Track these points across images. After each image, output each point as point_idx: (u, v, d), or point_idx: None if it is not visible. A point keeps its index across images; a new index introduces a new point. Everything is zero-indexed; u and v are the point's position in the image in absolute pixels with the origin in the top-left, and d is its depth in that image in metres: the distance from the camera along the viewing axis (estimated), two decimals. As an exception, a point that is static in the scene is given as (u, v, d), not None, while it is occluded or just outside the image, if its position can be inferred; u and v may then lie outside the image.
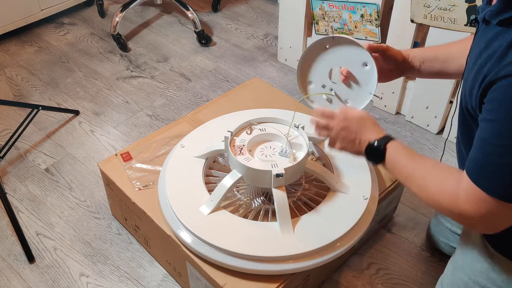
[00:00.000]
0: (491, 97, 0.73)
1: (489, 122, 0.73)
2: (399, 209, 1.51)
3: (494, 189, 0.74)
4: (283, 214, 1.11)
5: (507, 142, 0.70)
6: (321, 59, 1.10)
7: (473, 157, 0.77)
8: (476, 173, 0.76)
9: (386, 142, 0.93)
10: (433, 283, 1.30)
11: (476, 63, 0.79)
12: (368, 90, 1.08)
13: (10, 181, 1.60)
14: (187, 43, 2.27)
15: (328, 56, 1.09)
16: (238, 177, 1.14)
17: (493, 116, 0.72)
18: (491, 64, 0.74)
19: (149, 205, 1.23)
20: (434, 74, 1.08)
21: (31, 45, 2.24)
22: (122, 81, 2.04)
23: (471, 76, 0.81)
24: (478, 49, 0.80)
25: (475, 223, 0.80)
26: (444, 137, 1.77)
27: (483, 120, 0.75)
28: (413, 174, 0.88)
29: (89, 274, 1.34)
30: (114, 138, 1.77)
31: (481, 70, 0.76)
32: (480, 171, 0.76)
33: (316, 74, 1.13)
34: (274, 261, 1.08)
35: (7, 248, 1.41)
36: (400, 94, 1.82)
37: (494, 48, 0.75)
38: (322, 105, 1.16)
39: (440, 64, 1.06)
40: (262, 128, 1.23)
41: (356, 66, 1.06)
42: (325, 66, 1.11)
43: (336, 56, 1.08)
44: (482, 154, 0.75)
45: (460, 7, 1.43)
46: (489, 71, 0.74)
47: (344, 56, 1.07)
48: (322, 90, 1.14)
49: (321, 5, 1.75)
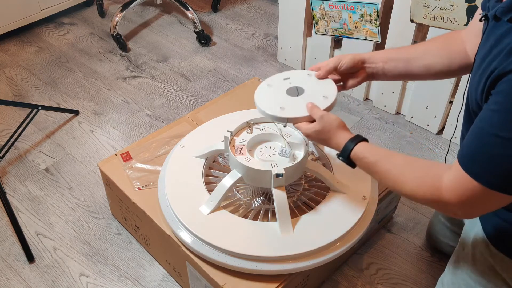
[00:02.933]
0: (498, 89, 0.73)
1: (491, 112, 0.73)
2: (399, 209, 1.51)
3: (486, 178, 0.74)
4: (283, 214, 1.11)
5: (506, 134, 0.71)
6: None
7: (468, 144, 0.77)
8: (468, 161, 0.76)
9: (349, 153, 0.94)
10: (433, 283, 1.31)
11: (485, 60, 0.79)
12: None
13: (10, 181, 1.60)
14: (187, 43, 2.27)
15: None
16: (238, 177, 1.14)
17: (497, 107, 0.72)
18: (500, 59, 0.74)
19: (149, 205, 1.23)
20: (398, 74, 1.08)
21: (31, 45, 2.24)
22: (122, 81, 2.04)
23: (479, 72, 0.80)
24: (487, 45, 0.80)
25: (456, 210, 0.80)
26: (444, 137, 1.77)
27: (486, 110, 0.75)
28: (388, 173, 0.89)
29: (89, 274, 1.34)
30: (114, 138, 1.77)
31: (490, 66, 0.76)
32: (474, 159, 0.75)
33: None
34: (274, 261, 1.08)
35: (7, 248, 1.41)
36: (400, 94, 1.82)
37: (504, 44, 0.74)
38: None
39: (404, 63, 1.05)
40: (262, 128, 1.23)
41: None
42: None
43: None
44: (478, 143, 0.75)
45: (460, 7, 1.43)
46: (497, 65, 0.74)
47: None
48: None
49: (321, 5, 1.75)
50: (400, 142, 1.77)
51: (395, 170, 0.88)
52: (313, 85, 1.07)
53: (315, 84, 1.07)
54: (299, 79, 1.09)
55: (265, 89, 1.09)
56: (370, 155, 0.92)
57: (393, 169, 0.88)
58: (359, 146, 0.94)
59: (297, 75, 1.11)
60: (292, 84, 1.08)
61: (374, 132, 1.80)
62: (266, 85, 1.10)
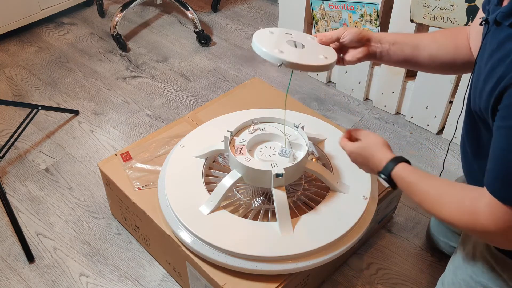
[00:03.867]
0: (506, 103, 0.71)
1: (505, 130, 0.71)
2: (399, 209, 1.51)
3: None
4: (283, 214, 1.11)
5: None
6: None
7: (492, 168, 0.75)
8: (496, 186, 0.74)
9: (390, 171, 0.92)
10: (433, 283, 1.31)
11: (487, 64, 0.78)
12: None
13: (10, 181, 1.60)
14: (187, 43, 2.27)
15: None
16: (238, 177, 1.14)
17: (509, 122, 0.70)
18: (504, 68, 0.72)
19: (149, 205, 1.23)
20: (404, 59, 1.05)
21: (31, 45, 2.24)
22: (122, 81, 2.04)
23: (482, 77, 0.79)
24: (489, 49, 0.79)
25: (497, 238, 0.78)
26: (444, 137, 1.77)
27: (499, 128, 0.73)
28: (427, 195, 0.86)
29: (89, 274, 1.34)
30: (114, 138, 1.77)
31: (494, 72, 0.75)
32: (501, 183, 0.73)
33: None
34: (274, 261, 1.08)
35: (6, 248, 1.41)
36: (400, 94, 1.82)
37: (506, 50, 0.74)
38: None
39: (411, 49, 1.03)
40: (262, 128, 1.23)
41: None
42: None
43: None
44: (502, 165, 0.72)
45: (460, 7, 1.43)
46: (503, 75, 0.72)
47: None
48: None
49: (320, 5, 1.75)
50: (400, 142, 1.77)
51: (433, 192, 0.85)
52: (314, 45, 1.03)
53: (315, 45, 1.03)
54: (300, 37, 1.05)
55: (266, 34, 1.04)
56: (410, 174, 0.89)
57: (431, 191, 0.86)
58: (400, 166, 0.91)
59: (300, 34, 1.07)
60: (294, 39, 1.04)
61: (374, 132, 1.80)
62: (268, 31, 1.04)
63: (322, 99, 1.95)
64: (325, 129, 1.38)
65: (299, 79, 2.05)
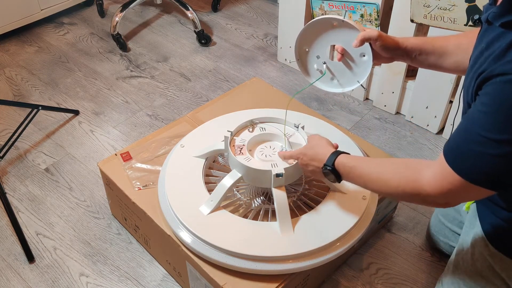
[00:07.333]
0: (484, 91, 0.75)
1: (478, 112, 0.75)
2: (399, 209, 1.51)
3: (467, 173, 0.76)
4: (283, 214, 1.11)
5: (492, 136, 0.72)
6: (325, 34, 1.09)
7: (454, 140, 0.80)
8: (453, 156, 0.78)
9: (334, 160, 0.99)
10: (433, 283, 1.31)
11: (476, 62, 0.80)
12: (357, 78, 1.10)
13: (10, 181, 1.60)
14: (187, 43, 2.27)
15: (332, 34, 1.08)
16: (238, 177, 1.14)
17: (484, 108, 0.74)
18: (488, 62, 0.75)
19: (149, 205, 1.23)
20: (427, 65, 1.08)
21: (31, 45, 2.24)
22: (122, 81, 2.04)
23: (470, 75, 0.81)
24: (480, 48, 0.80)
25: (437, 200, 0.83)
26: (444, 137, 1.77)
27: (473, 110, 0.77)
28: (370, 175, 0.93)
29: (89, 274, 1.34)
30: (114, 138, 1.77)
31: (480, 68, 0.77)
32: (458, 155, 0.78)
33: (314, 44, 1.12)
34: (274, 261, 1.08)
35: (7, 248, 1.41)
36: (400, 94, 1.82)
37: (494, 48, 0.75)
38: (312, 72, 1.16)
39: (436, 58, 1.05)
40: (262, 127, 1.23)
41: (354, 52, 1.07)
42: (325, 41, 1.10)
43: (340, 37, 1.07)
44: (464, 139, 0.77)
45: (460, 7, 1.43)
46: (486, 68, 0.75)
47: (347, 40, 1.06)
48: (316, 60, 1.13)
49: (321, 5, 1.75)
50: (400, 142, 1.77)
51: (375, 170, 0.92)
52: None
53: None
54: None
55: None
56: (351, 160, 0.97)
57: (373, 170, 0.92)
58: (342, 155, 0.99)
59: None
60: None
61: (374, 132, 1.80)
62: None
63: (322, 99, 1.95)
64: (325, 129, 1.38)
65: (299, 79, 2.05)
